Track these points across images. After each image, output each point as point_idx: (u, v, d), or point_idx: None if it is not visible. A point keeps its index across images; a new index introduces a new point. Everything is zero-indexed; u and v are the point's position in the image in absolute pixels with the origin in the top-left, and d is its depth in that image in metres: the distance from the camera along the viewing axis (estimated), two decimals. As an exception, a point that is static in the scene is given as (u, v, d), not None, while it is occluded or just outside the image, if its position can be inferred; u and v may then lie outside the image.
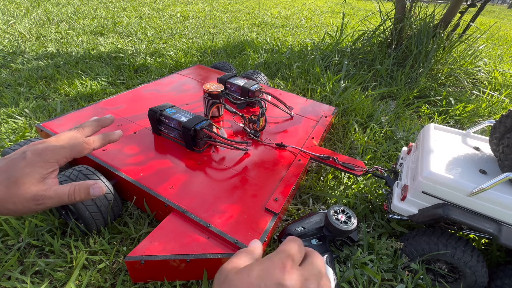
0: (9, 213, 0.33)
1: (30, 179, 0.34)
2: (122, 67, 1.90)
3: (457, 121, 1.67)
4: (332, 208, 0.65)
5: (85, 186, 0.37)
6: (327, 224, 0.63)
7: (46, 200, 0.34)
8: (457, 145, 0.81)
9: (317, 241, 0.64)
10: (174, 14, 3.69)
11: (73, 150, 0.39)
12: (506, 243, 0.64)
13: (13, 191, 0.32)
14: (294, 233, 0.64)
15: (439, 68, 2.11)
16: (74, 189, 0.36)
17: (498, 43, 3.65)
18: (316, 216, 0.69)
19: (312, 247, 0.61)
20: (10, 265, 0.72)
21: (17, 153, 0.36)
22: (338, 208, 0.66)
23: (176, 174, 0.86)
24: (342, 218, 0.63)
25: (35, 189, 0.34)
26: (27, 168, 0.34)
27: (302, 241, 0.60)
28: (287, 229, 0.66)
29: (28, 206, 0.33)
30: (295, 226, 0.66)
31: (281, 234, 0.70)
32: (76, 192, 0.36)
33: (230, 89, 1.27)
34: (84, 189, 0.37)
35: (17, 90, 1.51)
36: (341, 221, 0.62)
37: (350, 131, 1.38)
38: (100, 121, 0.46)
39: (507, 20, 6.71)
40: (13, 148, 0.85)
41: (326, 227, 0.64)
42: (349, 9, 5.78)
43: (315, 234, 0.64)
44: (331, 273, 0.55)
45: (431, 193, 0.70)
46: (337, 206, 0.67)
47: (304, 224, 0.66)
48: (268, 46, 2.64)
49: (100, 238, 0.79)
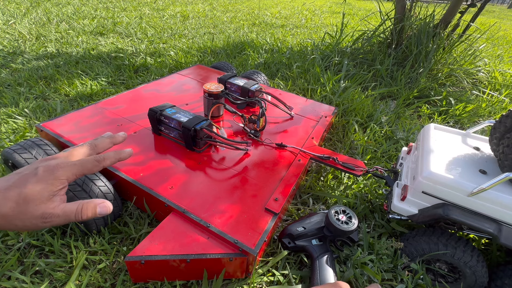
0: (15, 229, 0.33)
1: (40, 197, 0.34)
2: (122, 67, 1.90)
3: (457, 121, 1.67)
4: (333, 209, 0.66)
5: (93, 206, 0.37)
6: (327, 224, 0.64)
7: (53, 218, 0.34)
8: (457, 145, 0.81)
9: (318, 241, 0.65)
10: (174, 14, 3.69)
11: (84, 168, 0.39)
12: (506, 243, 0.64)
13: (22, 208, 0.32)
14: (295, 233, 0.65)
15: (439, 68, 2.11)
16: (81, 208, 0.37)
17: (498, 43, 3.65)
18: (316, 216, 0.70)
19: (313, 247, 0.62)
20: (10, 265, 0.72)
21: (29, 168, 0.36)
22: (339, 208, 0.66)
23: (176, 174, 0.86)
24: (343, 219, 0.63)
25: (44, 207, 0.34)
26: (38, 185, 0.34)
27: (302, 241, 0.61)
28: (288, 229, 0.67)
29: (35, 223, 0.33)
30: (295, 226, 0.66)
31: (281, 234, 0.70)
32: (84, 211, 0.37)
33: (230, 89, 1.27)
34: (91, 208, 0.37)
35: (17, 90, 1.51)
36: (341, 222, 0.63)
37: (350, 131, 1.38)
38: (113, 138, 0.47)
39: (507, 20, 6.71)
40: (13, 148, 0.85)
41: (327, 227, 0.64)
42: (349, 9, 5.78)
43: (315, 234, 0.65)
44: (332, 274, 0.55)
45: (431, 193, 0.70)
46: (337, 207, 0.67)
47: (304, 224, 0.67)
48: (268, 46, 2.64)
49: (100, 238, 0.79)
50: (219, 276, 0.69)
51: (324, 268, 0.54)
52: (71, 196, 0.73)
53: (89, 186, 0.76)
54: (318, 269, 0.54)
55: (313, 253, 0.58)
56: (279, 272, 0.76)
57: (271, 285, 0.74)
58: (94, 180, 0.78)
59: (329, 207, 0.70)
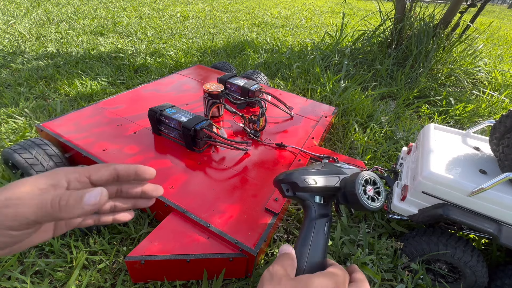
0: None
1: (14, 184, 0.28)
2: (122, 67, 1.90)
3: (457, 121, 1.67)
4: (363, 176, 0.46)
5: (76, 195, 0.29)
6: (349, 193, 0.46)
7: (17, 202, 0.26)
8: (457, 145, 0.81)
9: (322, 200, 0.47)
10: (174, 14, 3.69)
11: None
12: (506, 243, 0.64)
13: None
14: (302, 184, 0.46)
15: (439, 68, 2.11)
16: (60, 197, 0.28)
17: (498, 43, 3.65)
18: (333, 171, 0.50)
19: (314, 205, 0.45)
20: (10, 265, 0.72)
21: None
22: (370, 176, 0.47)
23: (176, 174, 0.86)
24: (370, 192, 0.46)
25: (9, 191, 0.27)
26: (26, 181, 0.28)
27: (304, 194, 0.45)
28: (293, 176, 0.47)
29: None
30: (304, 175, 0.46)
31: (282, 178, 0.49)
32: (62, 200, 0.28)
33: (230, 89, 1.27)
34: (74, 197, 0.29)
35: (17, 90, 1.51)
36: (368, 196, 0.45)
37: (350, 131, 1.38)
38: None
39: (507, 20, 6.71)
40: (13, 148, 0.85)
41: (345, 195, 0.47)
42: (349, 9, 5.78)
43: (324, 192, 0.48)
44: (324, 249, 0.43)
45: (431, 193, 0.70)
46: (369, 174, 0.47)
47: (318, 177, 0.47)
48: (268, 46, 2.64)
49: (100, 238, 0.79)
50: (219, 276, 0.69)
51: (318, 236, 0.42)
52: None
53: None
54: (312, 236, 0.42)
55: (311, 211, 0.45)
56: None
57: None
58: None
59: (361, 171, 0.49)
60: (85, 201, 0.26)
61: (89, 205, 0.26)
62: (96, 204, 0.26)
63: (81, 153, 0.89)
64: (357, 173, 0.47)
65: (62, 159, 0.90)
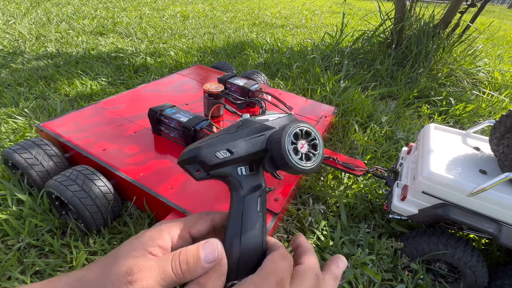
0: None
1: (130, 249, 0.26)
2: (122, 67, 1.90)
3: (457, 121, 1.67)
4: (291, 129, 0.33)
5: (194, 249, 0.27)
6: (276, 153, 0.32)
7: (143, 273, 0.24)
8: (457, 145, 0.81)
9: (247, 171, 0.34)
10: (174, 14, 3.69)
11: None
12: (506, 243, 0.64)
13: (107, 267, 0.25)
14: (212, 162, 0.32)
15: (439, 68, 2.11)
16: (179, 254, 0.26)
17: (498, 43, 3.65)
18: (256, 129, 0.35)
19: (238, 178, 0.34)
20: (10, 265, 0.72)
21: None
22: (301, 128, 0.34)
23: (176, 174, 0.86)
24: (303, 149, 0.33)
25: (132, 260, 0.25)
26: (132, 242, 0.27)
27: (221, 170, 0.33)
28: (197, 151, 0.33)
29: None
30: (212, 147, 0.32)
31: (188, 161, 0.34)
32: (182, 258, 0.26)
33: (230, 89, 1.27)
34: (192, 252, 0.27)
35: (17, 90, 1.51)
36: (301, 155, 0.33)
37: (350, 131, 1.38)
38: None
39: (507, 20, 6.71)
40: (13, 148, 0.85)
41: (272, 157, 0.33)
42: (349, 9, 5.78)
43: (248, 159, 0.34)
44: (260, 233, 0.33)
45: (431, 193, 0.70)
46: (300, 125, 0.34)
47: (231, 144, 0.33)
48: (268, 46, 2.64)
49: (100, 238, 0.79)
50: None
51: (251, 217, 0.32)
52: (70, 195, 0.73)
53: (89, 186, 0.76)
54: (243, 219, 0.32)
55: (237, 188, 0.34)
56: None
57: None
58: (94, 180, 0.78)
59: (286, 125, 0.34)
60: (203, 260, 0.25)
61: (209, 263, 0.25)
62: (215, 260, 0.25)
63: (81, 153, 0.89)
64: (285, 126, 0.34)
65: (62, 159, 0.90)
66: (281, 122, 0.36)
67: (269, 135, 0.34)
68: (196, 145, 0.33)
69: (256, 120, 0.35)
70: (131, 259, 0.23)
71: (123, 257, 0.24)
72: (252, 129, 0.34)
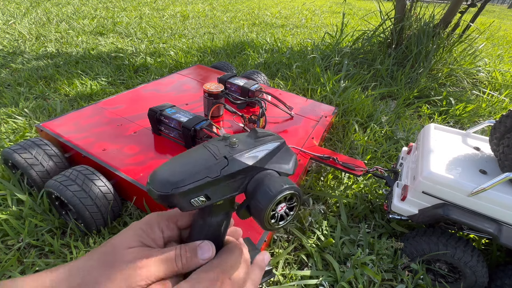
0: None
1: (128, 241, 0.28)
2: (122, 67, 1.90)
3: (457, 121, 1.67)
4: (276, 199, 0.28)
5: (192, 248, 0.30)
6: (254, 213, 0.30)
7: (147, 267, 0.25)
8: (457, 145, 0.81)
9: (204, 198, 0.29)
10: (174, 14, 3.69)
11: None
12: (506, 243, 0.64)
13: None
14: (183, 208, 0.26)
15: (439, 68, 2.11)
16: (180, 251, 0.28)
17: (498, 43, 3.65)
18: (236, 173, 0.28)
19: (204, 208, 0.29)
20: (10, 265, 0.72)
21: None
22: (284, 195, 0.29)
23: (176, 174, 0.86)
24: (281, 211, 0.31)
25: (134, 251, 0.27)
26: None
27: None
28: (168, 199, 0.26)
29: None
30: (190, 195, 0.26)
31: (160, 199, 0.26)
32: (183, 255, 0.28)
33: (230, 89, 1.27)
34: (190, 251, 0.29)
35: (17, 90, 1.51)
36: (277, 217, 0.30)
37: (350, 131, 1.38)
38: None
39: (507, 20, 6.71)
40: (13, 148, 0.85)
41: (248, 209, 0.31)
42: (349, 9, 5.78)
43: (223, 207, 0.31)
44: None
45: (431, 193, 0.70)
46: (282, 193, 0.28)
47: (210, 190, 0.27)
48: (268, 46, 2.64)
49: (100, 238, 0.79)
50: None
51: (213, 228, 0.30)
52: (70, 195, 0.73)
53: (89, 186, 0.76)
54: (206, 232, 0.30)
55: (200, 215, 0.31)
56: (279, 272, 0.77)
57: (271, 285, 0.74)
58: (94, 180, 0.78)
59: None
60: (200, 257, 0.28)
61: (204, 260, 0.28)
62: (210, 258, 0.29)
63: (81, 153, 0.89)
64: (272, 183, 0.29)
65: (62, 159, 0.90)
66: (267, 159, 0.31)
67: (251, 179, 0.30)
68: (170, 186, 0.25)
69: (243, 161, 0.29)
70: (133, 249, 0.26)
71: (123, 247, 0.26)
72: (236, 173, 0.28)
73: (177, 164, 0.28)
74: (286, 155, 0.33)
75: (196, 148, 0.30)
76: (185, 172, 0.26)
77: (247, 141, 0.31)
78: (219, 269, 0.28)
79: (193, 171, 0.26)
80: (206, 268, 0.28)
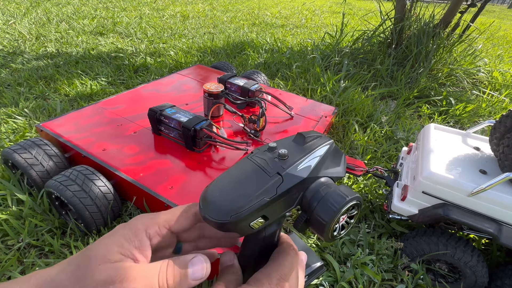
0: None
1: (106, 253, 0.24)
2: (122, 67, 1.90)
3: (457, 121, 1.67)
4: (338, 215, 0.27)
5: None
6: (315, 227, 0.29)
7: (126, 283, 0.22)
8: (457, 145, 0.81)
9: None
10: (174, 14, 3.69)
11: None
12: (506, 243, 0.64)
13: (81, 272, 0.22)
14: (244, 233, 0.27)
15: (439, 68, 2.11)
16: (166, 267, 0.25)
17: (498, 43, 3.65)
18: (291, 190, 0.27)
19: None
20: (10, 265, 0.72)
21: None
22: (347, 208, 0.28)
23: (176, 174, 0.86)
24: (343, 221, 0.29)
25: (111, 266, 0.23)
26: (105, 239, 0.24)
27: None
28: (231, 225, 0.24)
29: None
30: (249, 219, 0.24)
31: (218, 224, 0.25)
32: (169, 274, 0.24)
33: (230, 89, 1.27)
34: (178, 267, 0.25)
35: (17, 90, 1.51)
36: (338, 228, 0.29)
37: (350, 131, 1.38)
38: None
39: (507, 20, 6.71)
40: (13, 148, 0.85)
41: (307, 222, 0.29)
42: (349, 9, 5.78)
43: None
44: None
45: (431, 193, 0.70)
46: (356, 197, 0.28)
47: (268, 210, 0.26)
48: (268, 46, 2.64)
49: (100, 238, 0.79)
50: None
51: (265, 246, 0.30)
52: (70, 195, 0.73)
53: (89, 186, 0.76)
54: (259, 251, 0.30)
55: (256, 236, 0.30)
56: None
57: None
58: (94, 180, 0.78)
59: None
60: (191, 277, 0.24)
61: (196, 281, 0.24)
62: (202, 279, 0.24)
63: (81, 153, 0.89)
64: (333, 194, 0.27)
65: (62, 159, 0.90)
66: (320, 166, 0.29)
67: (306, 190, 0.28)
68: (228, 214, 0.24)
69: (297, 175, 0.27)
70: (109, 265, 0.21)
71: (98, 261, 0.22)
72: (291, 188, 0.27)
73: (227, 185, 0.26)
74: (336, 157, 0.31)
75: (243, 164, 0.27)
76: (241, 195, 0.24)
77: (296, 149, 0.29)
78: (278, 274, 0.25)
79: (248, 193, 0.24)
80: (266, 273, 0.25)
